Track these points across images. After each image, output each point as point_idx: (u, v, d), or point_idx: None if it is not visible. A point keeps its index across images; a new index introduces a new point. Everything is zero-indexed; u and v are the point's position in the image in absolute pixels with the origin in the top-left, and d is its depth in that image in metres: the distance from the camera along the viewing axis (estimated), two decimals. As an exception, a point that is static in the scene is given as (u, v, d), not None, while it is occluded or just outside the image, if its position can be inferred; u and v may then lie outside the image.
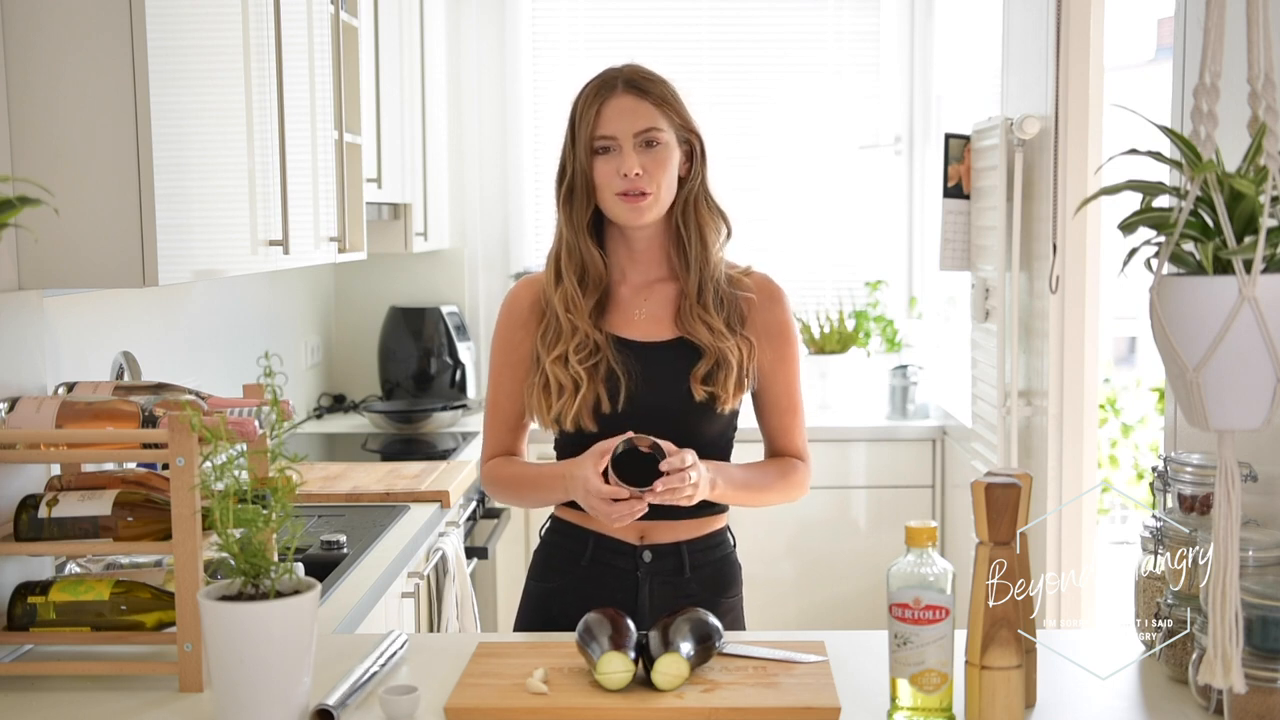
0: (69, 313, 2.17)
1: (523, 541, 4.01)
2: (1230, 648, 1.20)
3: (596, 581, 1.90)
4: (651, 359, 1.87)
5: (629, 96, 1.82)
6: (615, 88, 1.83)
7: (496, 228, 4.47)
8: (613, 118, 1.81)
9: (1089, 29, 2.85)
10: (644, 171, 1.80)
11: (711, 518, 1.94)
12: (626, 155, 1.80)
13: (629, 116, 1.81)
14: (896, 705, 1.42)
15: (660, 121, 1.82)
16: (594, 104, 1.83)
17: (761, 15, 4.39)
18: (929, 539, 1.41)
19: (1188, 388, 1.18)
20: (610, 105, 1.82)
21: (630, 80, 1.83)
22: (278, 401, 1.51)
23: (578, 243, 1.86)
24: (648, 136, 1.81)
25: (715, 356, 1.85)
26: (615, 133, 1.81)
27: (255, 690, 1.38)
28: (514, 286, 1.98)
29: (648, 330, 1.89)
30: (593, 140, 1.82)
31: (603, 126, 1.82)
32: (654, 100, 1.83)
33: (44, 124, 1.80)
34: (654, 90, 1.83)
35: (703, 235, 1.88)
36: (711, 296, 1.87)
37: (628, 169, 1.80)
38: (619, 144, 1.82)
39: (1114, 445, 4.93)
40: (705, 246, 1.88)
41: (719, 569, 1.95)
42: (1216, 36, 1.18)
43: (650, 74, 1.86)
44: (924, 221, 4.42)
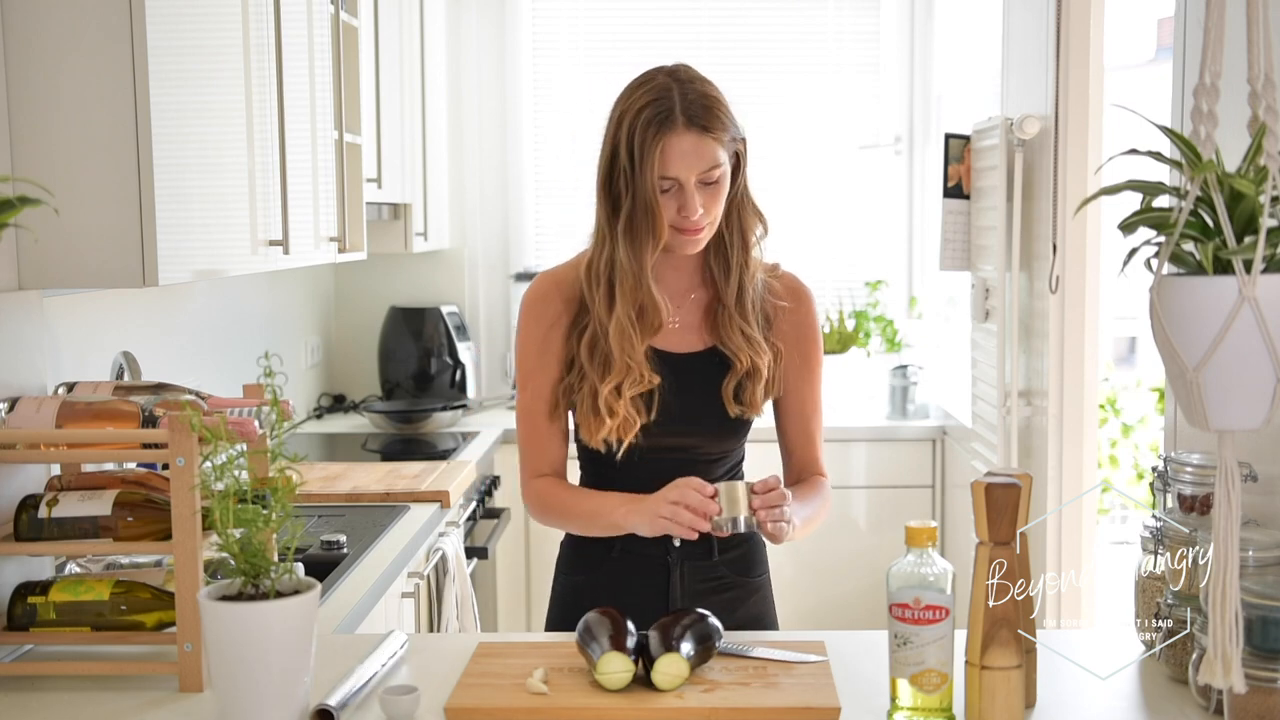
0: (69, 313, 2.17)
1: (523, 541, 4.01)
2: (1230, 648, 1.20)
3: (627, 571, 1.90)
4: (685, 370, 1.85)
5: (691, 134, 1.72)
6: (675, 122, 1.71)
7: (496, 228, 4.47)
8: (676, 159, 1.72)
9: (1089, 29, 2.85)
10: (704, 209, 1.75)
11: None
12: (690, 197, 1.73)
13: (693, 158, 1.72)
14: (896, 705, 1.42)
15: (719, 154, 1.74)
16: (656, 141, 1.72)
17: (761, 15, 4.39)
18: (929, 539, 1.41)
19: (1188, 388, 1.18)
20: (673, 145, 1.72)
21: (690, 112, 1.72)
22: (278, 401, 1.51)
23: (641, 281, 1.79)
24: (708, 176, 1.74)
25: (747, 367, 1.82)
26: (678, 175, 1.73)
27: (255, 690, 1.38)
28: (535, 285, 1.92)
29: (682, 341, 1.87)
30: (657, 180, 1.74)
31: (666, 167, 1.72)
32: (714, 134, 1.73)
33: (44, 124, 1.80)
34: (716, 125, 1.73)
35: (744, 238, 1.84)
36: (749, 301, 1.84)
37: (691, 211, 1.74)
38: (680, 184, 1.74)
39: (1114, 445, 4.92)
40: (746, 249, 1.84)
41: (746, 550, 1.95)
42: (1216, 36, 1.18)
43: (706, 95, 1.75)
44: (924, 221, 4.42)
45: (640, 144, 1.73)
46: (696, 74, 1.78)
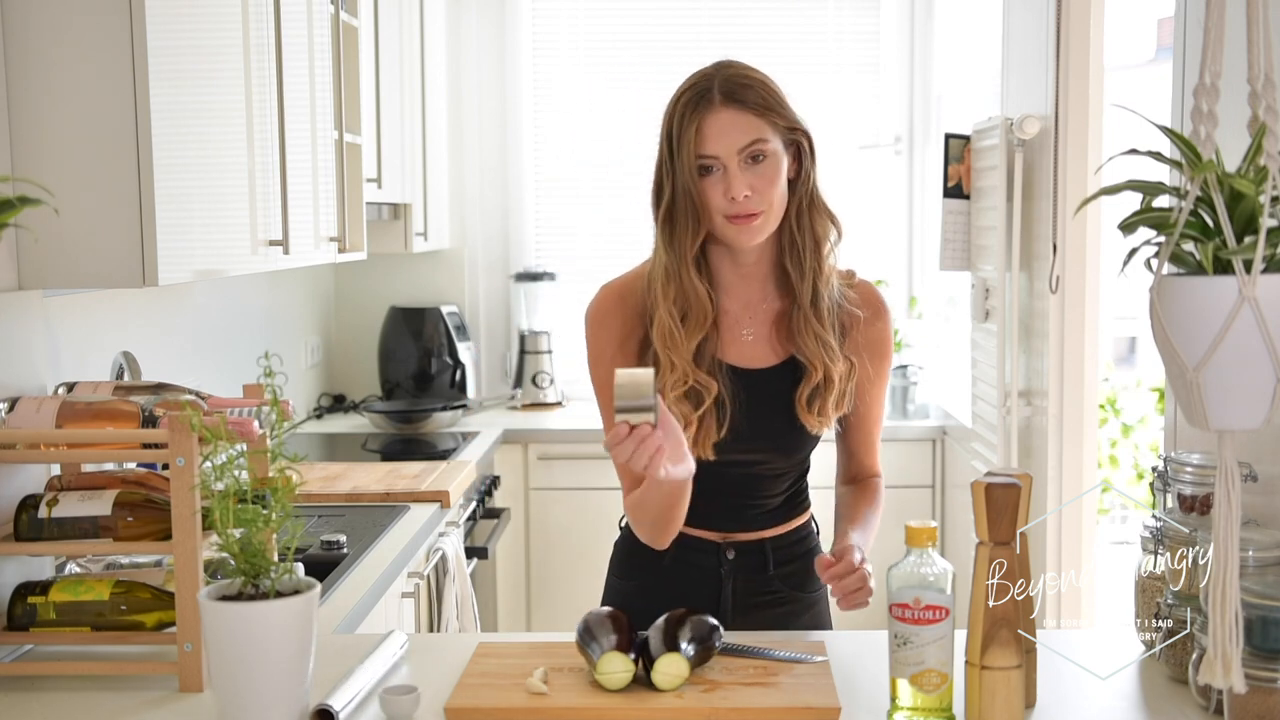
0: (69, 313, 2.17)
1: (523, 541, 4.01)
2: (1230, 648, 1.19)
3: (679, 580, 1.85)
4: (759, 385, 1.78)
5: (728, 110, 1.65)
6: (712, 100, 1.65)
7: (496, 228, 4.47)
8: (714, 135, 1.65)
9: (1089, 29, 2.86)
10: (753, 191, 1.66)
11: (795, 516, 1.91)
12: (733, 176, 1.65)
13: (731, 132, 1.65)
14: (896, 705, 1.42)
15: (765, 131, 1.66)
16: (692, 120, 1.65)
17: (761, 15, 4.39)
18: (929, 539, 1.41)
19: (1188, 388, 1.18)
20: (710, 121, 1.65)
21: (727, 89, 1.66)
22: (278, 401, 1.51)
23: (680, 274, 1.71)
24: (753, 151, 1.66)
25: (821, 376, 1.75)
26: (718, 152, 1.65)
27: (255, 690, 1.38)
28: (596, 300, 1.84)
29: (755, 354, 1.79)
30: (695, 160, 1.67)
31: (704, 146, 1.65)
32: (755, 109, 1.66)
33: (44, 124, 1.80)
34: (754, 97, 1.66)
35: (816, 240, 1.75)
36: (825, 308, 1.76)
37: (735, 192, 1.65)
38: (723, 163, 1.66)
39: (1114, 445, 4.93)
40: (819, 252, 1.75)
41: (802, 564, 1.90)
42: (1216, 36, 1.18)
43: (747, 76, 1.68)
44: (924, 221, 4.42)
45: (679, 127, 1.67)
46: (746, 65, 1.72)
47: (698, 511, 1.77)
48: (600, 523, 3.94)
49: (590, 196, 4.47)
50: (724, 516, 1.84)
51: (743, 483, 1.79)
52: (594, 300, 1.85)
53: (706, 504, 1.77)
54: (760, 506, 1.86)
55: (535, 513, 3.99)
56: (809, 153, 1.74)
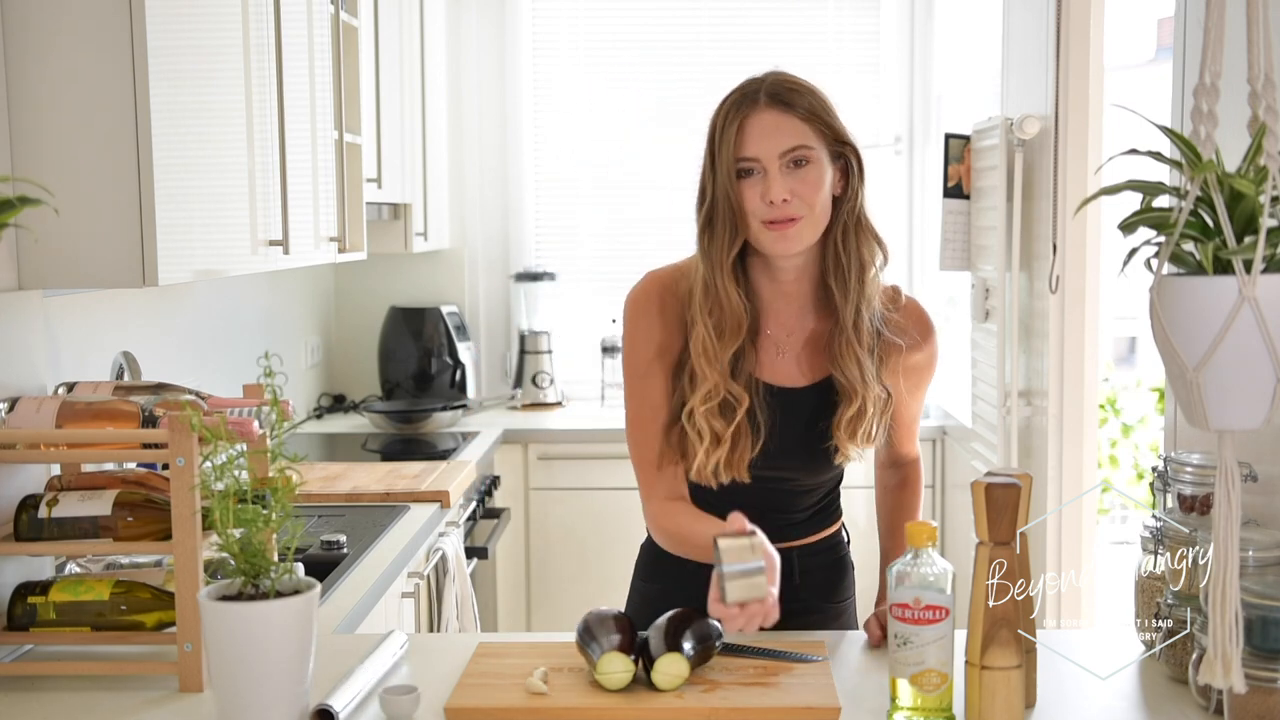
0: (69, 313, 2.17)
1: (523, 541, 4.01)
2: (1230, 648, 1.19)
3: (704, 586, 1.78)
4: (792, 405, 1.74)
5: (772, 111, 1.61)
6: (757, 101, 1.62)
7: (496, 228, 4.47)
8: (755, 136, 1.61)
9: (1089, 29, 2.85)
10: (793, 196, 1.61)
11: (826, 527, 1.88)
12: (772, 179, 1.61)
13: (773, 134, 1.61)
14: (896, 705, 1.42)
15: (809, 137, 1.62)
16: (734, 120, 1.62)
17: (761, 15, 4.39)
18: (929, 539, 1.41)
19: (1188, 388, 1.18)
20: (752, 122, 1.61)
21: (773, 92, 1.63)
22: (278, 401, 1.51)
23: (716, 282, 1.66)
24: (795, 155, 1.61)
25: (859, 404, 1.71)
26: (759, 153, 1.61)
27: (255, 690, 1.38)
28: (638, 286, 1.77)
29: (790, 374, 1.75)
30: (735, 162, 1.63)
31: (745, 147, 1.61)
32: (801, 114, 1.62)
33: (44, 124, 1.80)
34: (801, 102, 1.63)
35: (862, 263, 1.69)
36: (867, 333, 1.71)
37: (774, 195, 1.60)
38: (763, 166, 1.62)
39: (1114, 445, 4.93)
40: (863, 275, 1.70)
41: (830, 573, 1.89)
42: (1216, 36, 1.18)
43: (796, 82, 1.65)
44: (924, 221, 4.42)
45: (721, 128, 1.64)
46: (798, 76, 1.69)
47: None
48: (600, 523, 3.96)
49: (590, 196, 4.48)
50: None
51: (771, 499, 1.76)
52: (638, 287, 1.77)
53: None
54: (788, 520, 1.83)
55: (535, 513, 3.99)
56: (857, 171, 1.68)
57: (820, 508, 1.88)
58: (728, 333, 1.68)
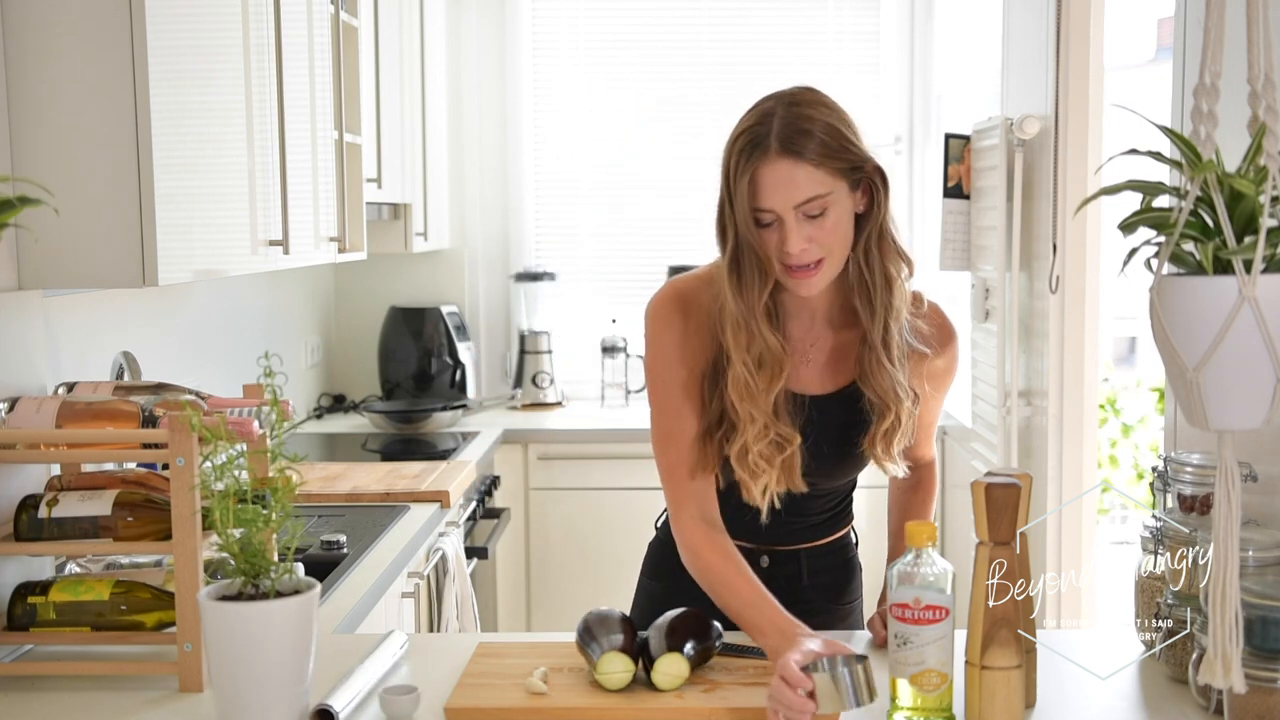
0: (69, 313, 2.17)
1: (523, 541, 4.01)
2: (1230, 648, 1.19)
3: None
4: (818, 413, 1.71)
5: (784, 162, 1.55)
6: (768, 150, 1.56)
7: (496, 228, 4.47)
8: (769, 189, 1.56)
9: (1089, 29, 2.85)
10: (811, 242, 1.58)
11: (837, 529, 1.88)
12: (790, 230, 1.57)
13: (787, 187, 1.56)
14: (896, 705, 1.42)
15: (825, 183, 1.56)
16: (746, 170, 1.57)
17: (761, 15, 4.39)
18: (929, 539, 1.41)
19: (1188, 388, 1.18)
20: (765, 173, 1.56)
21: (784, 137, 1.56)
22: (278, 401, 1.51)
23: (750, 326, 1.62)
24: (810, 208, 1.57)
25: (891, 417, 1.69)
26: (773, 205, 1.57)
27: (255, 690, 1.38)
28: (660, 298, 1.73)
29: (816, 381, 1.73)
30: (751, 212, 1.59)
31: (759, 198, 1.57)
32: (814, 159, 1.56)
33: (44, 124, 1.80)
34: (812, 146, 1.56)
35: (888, 279, 1.66)
36: (897, 348, 1.69)
37: (792, 246, 1.57)
38: (779, 215, 1.58)
39: (1114, 445, 4.93)
40: (890, 289, 1.66)
41: (838, 575, 1.88)
42: (1216, 36, 1.18)
43: (808, 118, 1.59)
44: (924, 221, 4.41)
45: (735, 174, 1.59)
46: (816, 97, 1.63)
47: (740, 523, 1.73)
48: (601, 522, 3.95)
49: (590, 196, 4.47)
50: (765, 531, 1.77)
51: (790, 503, 1.73)
52: (662, 297, 1.74)
53: (750, 518, 1.72)
54: (804, 523, 1.83)
55: (535, 513, 3.99)
56: (880, 188, 1.63)
57: (836, 512, 1.87)
58: (769, 373, 1.64)
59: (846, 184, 1.60)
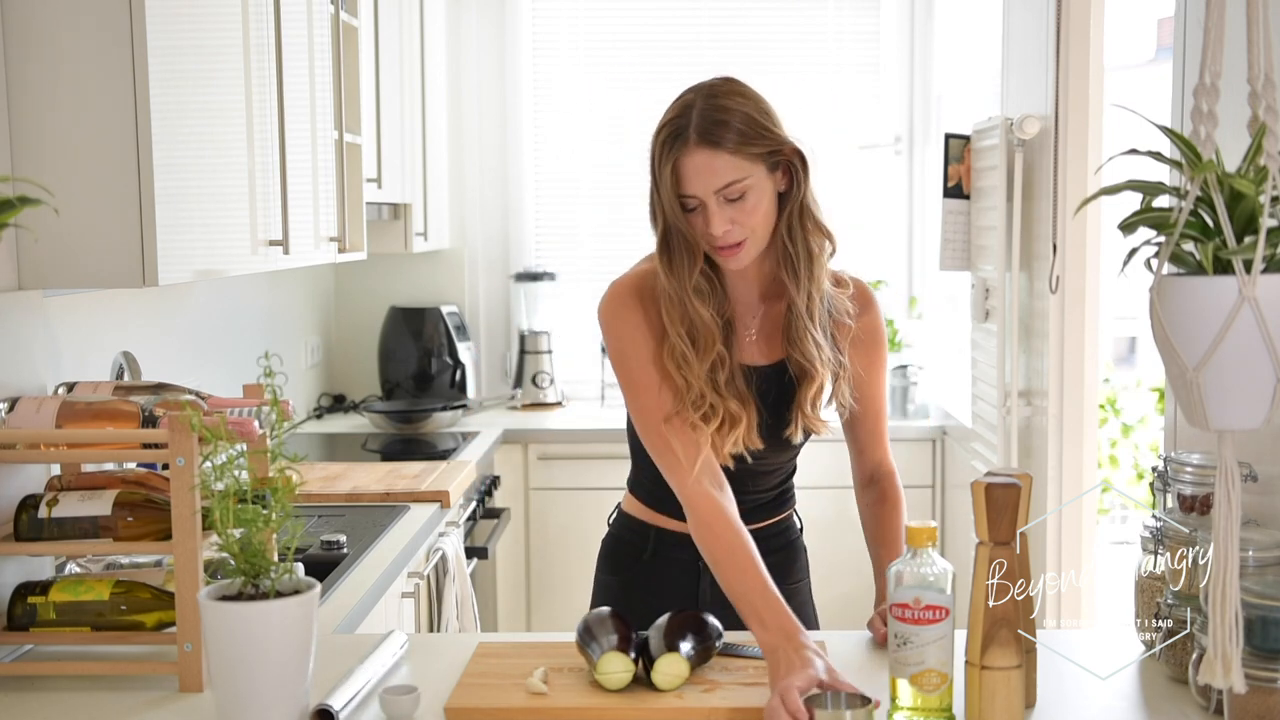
0: (69, 313, 2.17)
1: (523, 541, 4.01)
2: (1230, 648, 1.19)
3: (659, 574, 1.90)
4: (758, 383, 1.80)
5: (703, 151, 1.65)
6: (688, 140, 1.66)
7: (496, 228, 4.47)
8: (691, 177, 1.67)
9: (1089, 29, 2.85)
10: (733, 224, 1.68)
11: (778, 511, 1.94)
12: (712, 213, 1.67)
13: (706, 175, 1.66)
14: (896, 705, 1.42)
15: (741, 169, 1.66)
16: (668, 160, 1.68)
17: (761, 15, 4.39)
18: (929, 539, 1.41)
19: (1188, 388, 1.18)
20: (686, 163, 1.66)
21: (702, 129, 1.66)
22: (278, 401, 1.51)
23: (684, 302, 1.73)
24: (729, 192, 1.66)
25: (820, 381, 1.78)
26: (695, 192, 1.67)
27: (255, 690, 1.38)
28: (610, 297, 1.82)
29: (757, 353, 1.82)
30: (676, 198, 1.70)
31: (683, 186, 1.68)
32: (730, 148, 1.65)
33: (44, 124, 1.80)
34: (729, 136, 1.65)
35: (810, 253, 1.75)
36: (820, 316, 1.78)
37: (715, 229, 1.67)
38: (702, 201, 1.68)
39: (1114, 445, 4.93)
40: (812, 263, 1.76)
41: (782, 555, 1.94)
42: (1216, 36, 1.18)
43: (724, 113, 1.67)
44: (924, 221, 4.41)
45: (659, 164, 1.70)
46: (733, 88, 1.71)
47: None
48: (601, 523, 3.95)
49: (590, 196, 4.47)
50: None
51: (736, 478, 1.78)
52: (609, 298, 1.82)
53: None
54: (750, 502, 1.86)
55: (535, 513, 3.99)
56: (800, 168, 1.73)
57: (780, 491, 1.94)
58: (703, 346, 1.73)
59: (765, 167, 1.69)
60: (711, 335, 1.73)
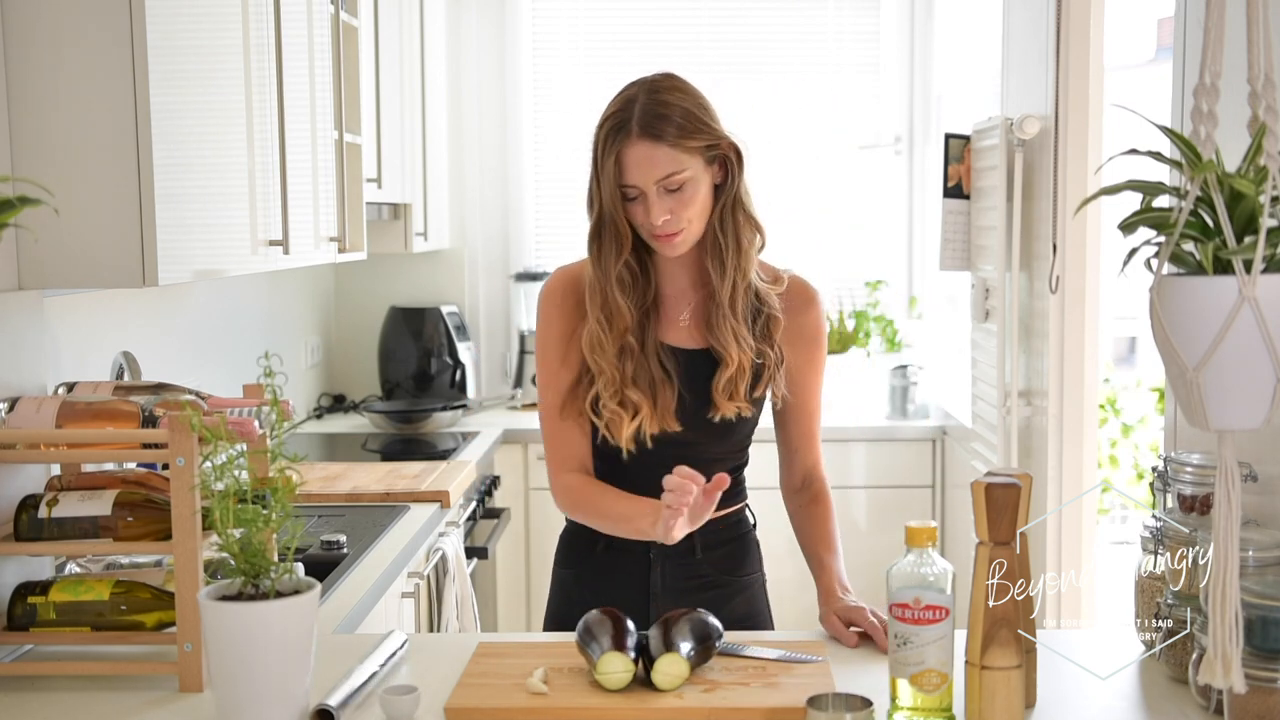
0: (69, 313, 2.17)
1: (523, 541, 4.01)
2: (1230, 648, 1.20)
3: (612, 566, 1.93)
4: (688, 366, 1.86)
5: (644, 143, 1.74)
6: (630, 132, 1.75)
7: (496, 228, 4.47)
8: (632, 167, 1.75)
9: (1089, 29, 2.85)
10: (671, 214, 1.76)
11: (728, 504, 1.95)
12: (652, 202, 1.76)
13: (647, 166, 1.75)
14: (896, 705, 1.42)
15: (680, 162, 1.75)
16: (611, 151, 1.77)
17: (761, 15, 4.39)
18: (929, 539, 1.41)
19: (1188, 388, 1.18)
20: (628, 154, 1.75)
21: (645, 121, 1.75)
22: (278, 401, 1.51)
23: (604, 290, 1.82)
24: (668, 183, 1.75)
25: (735, 365, 1.83)
26: (637, 182, 1.76)
27: (255, 690, 1.38)
28: (550, 280, 1.94)
29: (688, 337, 1.88)
30: (618, 189, 1.78)
31: (625, 176, 1.77)
32: (671, 141, 1.74)
33: (44, 124, 1.80)
34: (670, 129, 1.74)
35: (739, 243, 1.83)
36: (742, 305, 1.85)
37: (655, 217, 1.76)
38: (642, 191, 1.77)
39: (1114, 445, 4.93)
40: (740, 254, 1.83)
41: (733, 548, 1.96)
42: (1216, 36, 1.18)
43: (665, 107, 1.76)
44: (924, 221, 4.41)
45: (602, 155, 1.79)
46: (673, 83, 1.80)
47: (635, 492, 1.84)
48: (600, 523, 3.95)
49: (587, 197, 4.47)
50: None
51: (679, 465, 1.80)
52: (548, 282, 1.95)
53: (642, 488, 1.81)
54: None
55: (535, 513, 3.99)
56: (735, 162, 1.81)
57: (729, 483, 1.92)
58: (616, 330, 1.83)
59: (703, 160, 1.78)
60: (624, 322, 1.82)
